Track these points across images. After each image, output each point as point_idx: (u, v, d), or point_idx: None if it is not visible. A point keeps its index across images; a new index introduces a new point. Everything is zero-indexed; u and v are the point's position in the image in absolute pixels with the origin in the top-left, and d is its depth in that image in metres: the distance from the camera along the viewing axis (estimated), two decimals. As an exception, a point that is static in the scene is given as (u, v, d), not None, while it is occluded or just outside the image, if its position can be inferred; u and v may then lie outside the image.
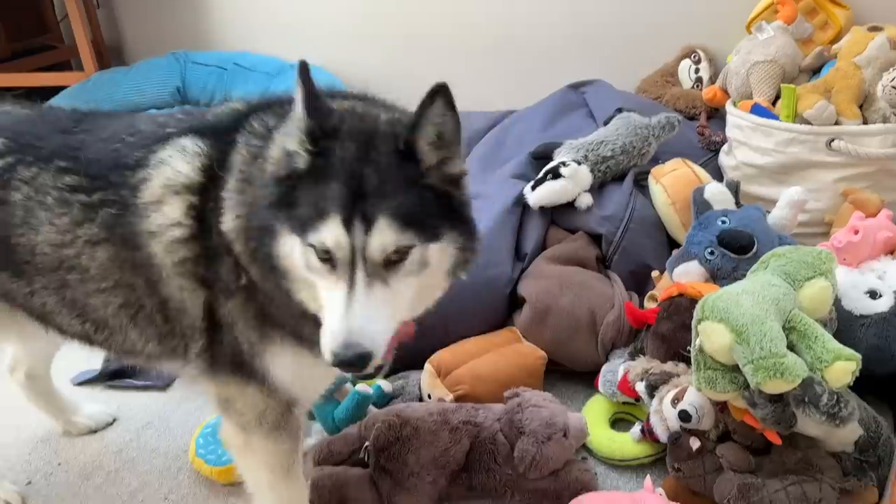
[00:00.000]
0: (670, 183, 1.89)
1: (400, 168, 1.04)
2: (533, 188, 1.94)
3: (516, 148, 2.22)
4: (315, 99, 1.04)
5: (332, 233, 1.00)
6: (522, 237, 1.97)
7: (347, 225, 1.00)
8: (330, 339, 1.01)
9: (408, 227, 1.02)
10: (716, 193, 1.77)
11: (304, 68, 1.02)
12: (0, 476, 1.66)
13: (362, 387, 1.74)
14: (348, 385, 1.76)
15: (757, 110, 1.97)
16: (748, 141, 1.98)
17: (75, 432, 1.82)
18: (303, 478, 1.38)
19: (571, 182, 1.90)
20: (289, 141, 1.06)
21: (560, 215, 1.98)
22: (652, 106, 2.26)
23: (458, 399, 1.71)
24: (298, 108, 1.03)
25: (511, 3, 2.70)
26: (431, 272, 1.09)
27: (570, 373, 1.88)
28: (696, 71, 2.38)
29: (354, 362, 1.00)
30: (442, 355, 1.81)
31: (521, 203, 1.99)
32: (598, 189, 1.98)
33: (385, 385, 1.80)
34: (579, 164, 1.93)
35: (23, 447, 1.79)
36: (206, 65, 3.40)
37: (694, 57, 2.39)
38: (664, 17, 2.46)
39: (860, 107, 1.92)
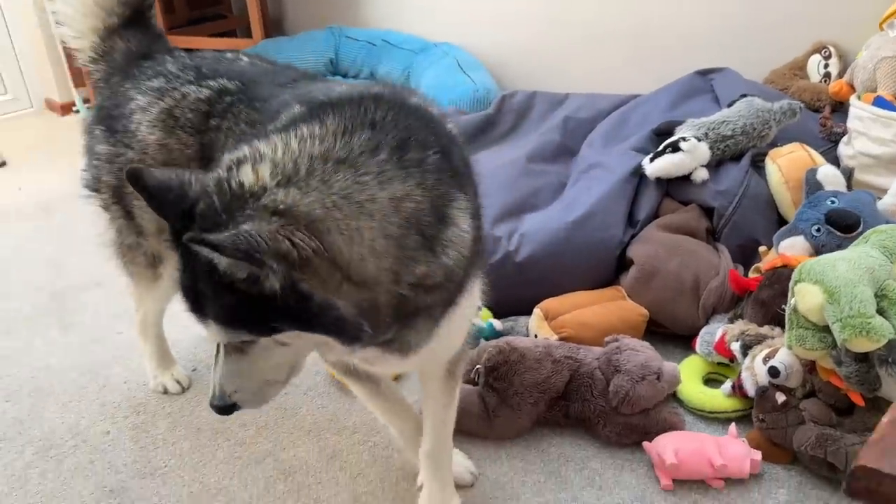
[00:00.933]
0: (786, 163, 1.98)
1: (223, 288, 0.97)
2: (651, 160, 2.08)
3: (640, 125, 2.35)
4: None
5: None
6: (637, 205, 2.12)
7: (194, 312, 1.02)
8: (211, 389, 1.10)
9: (233, 327, 1.00)
10: (829, 175, 1.86)
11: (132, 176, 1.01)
12: (174, 361, 2.00)
13: (477, 321, 1.96)
14: (465, 319, 1.98)
15: (879, 102, 2.02)
16: (867, 131, 2.03)
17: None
18: (358, 386, 1.51)
19: (689, 156, 2.03)
20: None
21: (675, 188, 2.11)
22: (777, 95, 2.33)
23: (561, 340, 1.90)
24: None
25: None
26: (290, 358, 1.10)
27: (669, 335, 2.00)
28: (826, 66, 2.42)
29: (218, 408, 1.09)
30: (550, 302, 1.99)
31: (638, 173, 2.14)
32: (715, 166, 2.09)
33: (496, 323, 2.01)
34: (699, 140, 2.05)
35: (190, 342, 2.13)
36: (358, 40, 3.72)
37: (824, 52, 2.43)
38: (798, 11, 2.50)
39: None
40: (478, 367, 1.78)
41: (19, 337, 2.20)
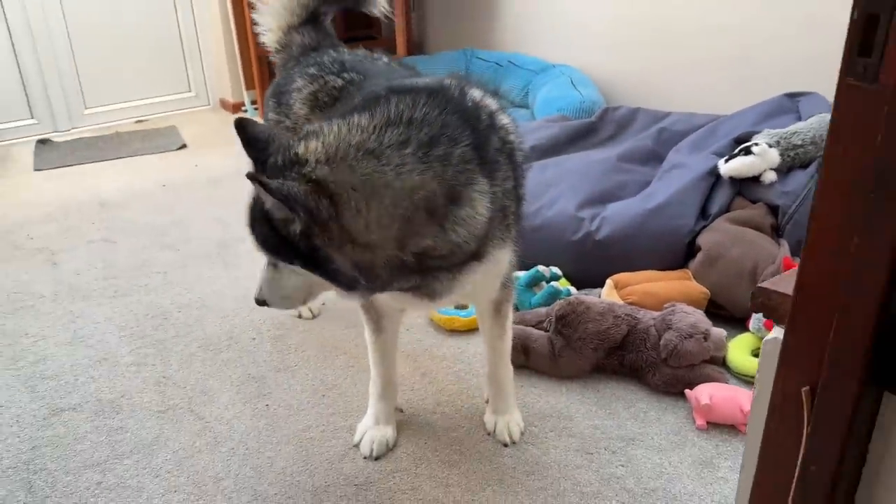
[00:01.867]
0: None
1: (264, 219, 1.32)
2: (726, 161, 2.36)
3: (725, 137, 2.62)
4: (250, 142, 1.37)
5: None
6: (711, 201, 2.39)
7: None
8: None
9: (268, 251, 1.36)
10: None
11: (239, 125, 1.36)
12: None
13: (555, 283, 2.30)
14: (543, 283, 2.33)
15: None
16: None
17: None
18: (385, 348, 1.81)
19: (760, 159, 2.29)
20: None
21: (746, 187, 2.37)
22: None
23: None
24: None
25: (753, 18, 3.03)
26: (295, 283, 1.41)
27: (728, 318, 2.25)
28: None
29: (258, 300, 1.46)
30: (622, 275, 2.30)
31: (714, 173, 2.41)
32: (785, 171, 2.34)
33: (573, 289, 2.34)
34: (770, 146, 2.31)
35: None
36: (487, 60, 4.19)
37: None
38: None
39: None
40: (550, 317, 2.13)
41: (193, 270, 2.77)
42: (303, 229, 1.25)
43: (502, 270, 1.64)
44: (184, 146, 4.19)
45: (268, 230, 1.31)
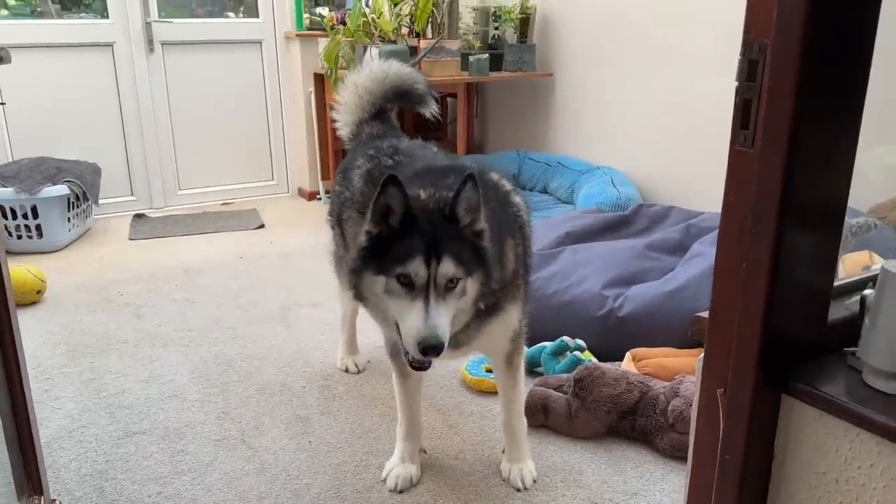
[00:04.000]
0: (849, 261, 2.38)
1: (448, 226, 1.57)
2: (740, 252, 2.57)
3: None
4: (405, 195, 1.57)
5: (415, 265, 1.51)
6: (726, 288, 2.59)
7: (427, 261, 1.52)
8: (416, 332, 1.50)
9: (459, 264, 1.54)
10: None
11: (392, 180, 1.56)
12: (358, 351, 2.75)
13: (578, 353, 2.52)
14: (568, 353, 2.54)
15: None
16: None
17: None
18: (410, 393, 2.04)
19: (770, 251, 2.49)
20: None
21: (759, 276, 2.56)
22: (865, 215, 2.72)
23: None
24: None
25: None
26: (465, 301, 1.60)
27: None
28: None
29: (434, 346, 1.49)
30: (640, 349, 2.49)
31: (730, 262, 2.62)
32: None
33: (594, 361, 2.54)
34: (781, 240, 2.51)
35: (370, 346, 2.88)
36: (538, 161, 4.56)
37: (926, 189, 2.79)
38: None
39: None
40: (570, 381, 2.33)
41: (258, 328, 3.11)
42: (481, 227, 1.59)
43: (513, 325, 1.89)
44: (262, 226, 4.65)
45: (459, 243, 1.56)
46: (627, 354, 2.49)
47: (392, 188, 1.56)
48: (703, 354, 1.15)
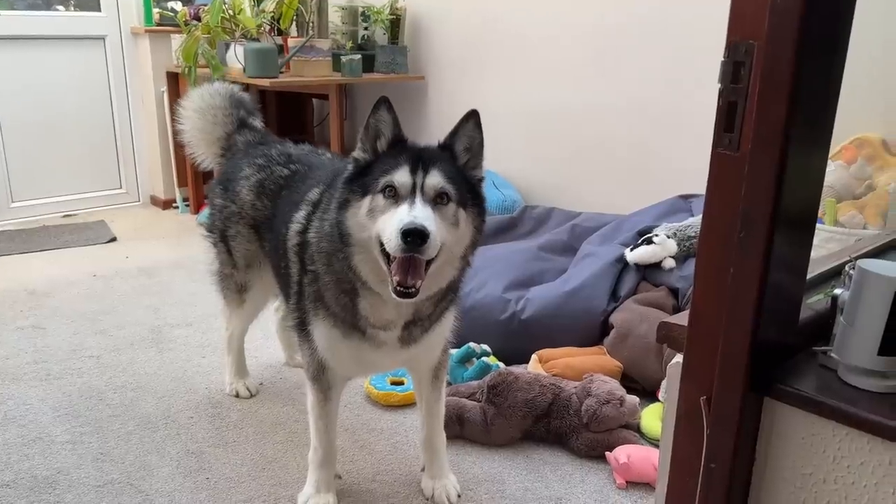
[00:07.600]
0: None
1: (443, 155, 1.54)
2: (631, 250, 2.66)
3: (629, 231, 2.95)
4: (398, 124, 1.57)
5: (401, 174, 1.47)
6: (620, 285, 2.66)
7: (413, 171, 1.47)
8: (398, 223, 1.40)
9: (449, 181, 1.48)
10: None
11: (384, 102, 1.54)
12: (248, 373, 2.54)
13: (485, 359, 2.48)
14: (474, 359, 2.50)
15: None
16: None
17: (293, 364, 2.69)
18: (330, 416, 1.86)
19: (661, 248, 2.60)
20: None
21: (650, 273, 2.66)
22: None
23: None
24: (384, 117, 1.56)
25: (651, 135, 3.46)
26: (458, 236, 1.53)
27: (639, 391, 2.47)
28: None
29: (416, 234, 1.38)
30: (545, 351, 2.50)
31: (622, 261, 2.70)
32: (682, 260, 2.65)
33: (501, 365, 2.52)
34: (669, 237, 2.63)
35: (259, 367, 2.68)
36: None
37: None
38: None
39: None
40: (482, 387, 2.29)
41: (126, 355, 2.79)
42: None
43: (447, 333, 1.84)
44: (113, 239, 4.22)
45: (452, 169, 1.52)
46: (534, 356, 2.49)
47: (383, 112, 1.53)
48: (676, 360, 1.14)
